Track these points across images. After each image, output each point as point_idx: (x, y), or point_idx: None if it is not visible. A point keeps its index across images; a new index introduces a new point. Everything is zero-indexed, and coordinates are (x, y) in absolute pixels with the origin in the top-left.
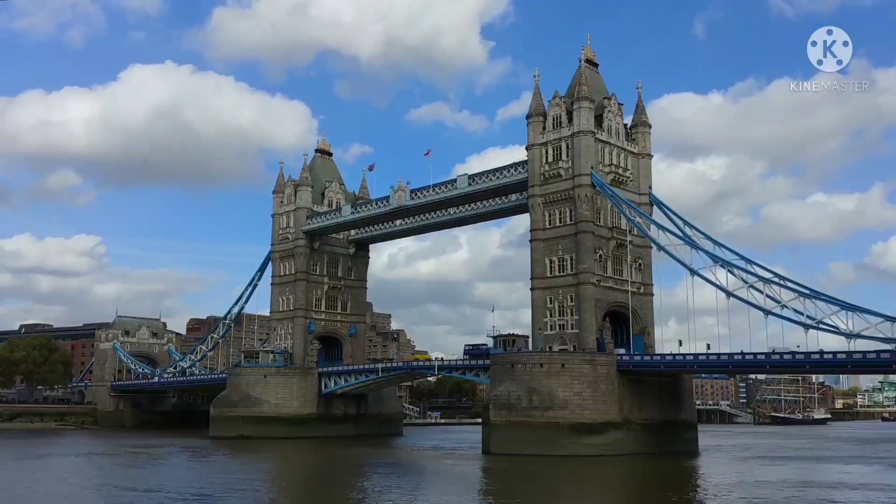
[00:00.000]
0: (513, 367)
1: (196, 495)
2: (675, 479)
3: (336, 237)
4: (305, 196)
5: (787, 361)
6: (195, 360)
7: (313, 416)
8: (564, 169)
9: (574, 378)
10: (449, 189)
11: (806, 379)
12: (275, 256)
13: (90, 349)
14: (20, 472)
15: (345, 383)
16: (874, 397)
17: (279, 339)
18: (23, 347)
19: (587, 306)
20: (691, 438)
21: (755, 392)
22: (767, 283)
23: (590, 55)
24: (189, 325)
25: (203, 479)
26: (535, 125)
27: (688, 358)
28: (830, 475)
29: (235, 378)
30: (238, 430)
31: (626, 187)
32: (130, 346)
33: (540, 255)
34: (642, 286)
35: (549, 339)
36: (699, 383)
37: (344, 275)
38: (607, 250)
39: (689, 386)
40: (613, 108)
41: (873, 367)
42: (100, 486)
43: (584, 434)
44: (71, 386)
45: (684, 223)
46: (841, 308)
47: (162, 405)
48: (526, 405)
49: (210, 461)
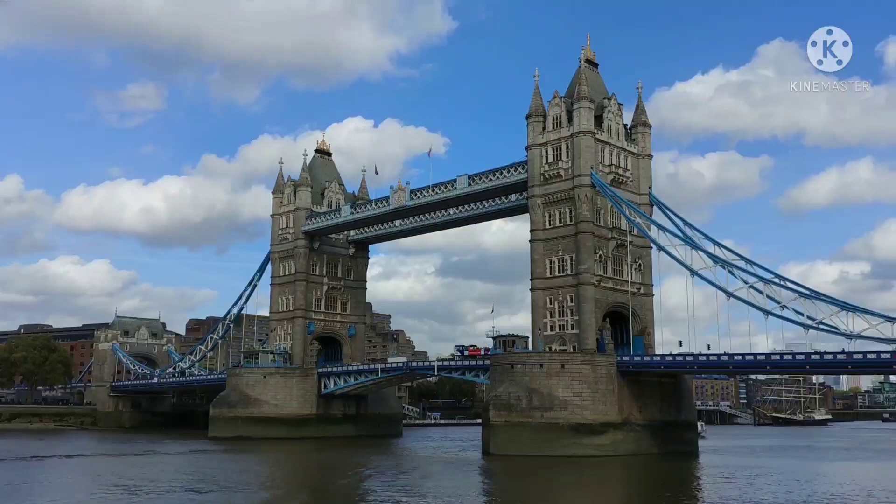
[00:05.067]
0: (512, 367)
1: (195, 495)
2: (676, 479)
3: (335, 237)
4: (305, 196)
5: (787, 362)
6: (194, 360)
7: (313, 417)
8: (564, 169)
9: (574, 378)
10: (448, 189)
11: (806, 380)
12: (274, 257)
13: (89, 349)
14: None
15: (344, 384)
16: (874, 398)
17: (279, 340)
18: (22, 348)
19: (587, 307)
20: (691, 439)
21: (756, 393)
22: (767, 284)
23: (590, 55)
24: (188, 326)
25: (201, 479)
26: (534, 125)
27: (688, 358)
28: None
29: (235, 378)
30: (237, 430)
31: (626, 187)
32: (130, 347)
33: (540, 256)
34: (642, 286)
35: (549, 339)
36: (699, 384)
37: (343, 275)
38: (607, 251)
39: (689, 386)
40: (613, 109)
41: (873, 367)
42: (98, 486)
43: (584, 434)
44: (70, 386)
45: (684, 223)
46: (841, 308)
47: (161, 406)
48: (526, 406)
49: (209, 461)
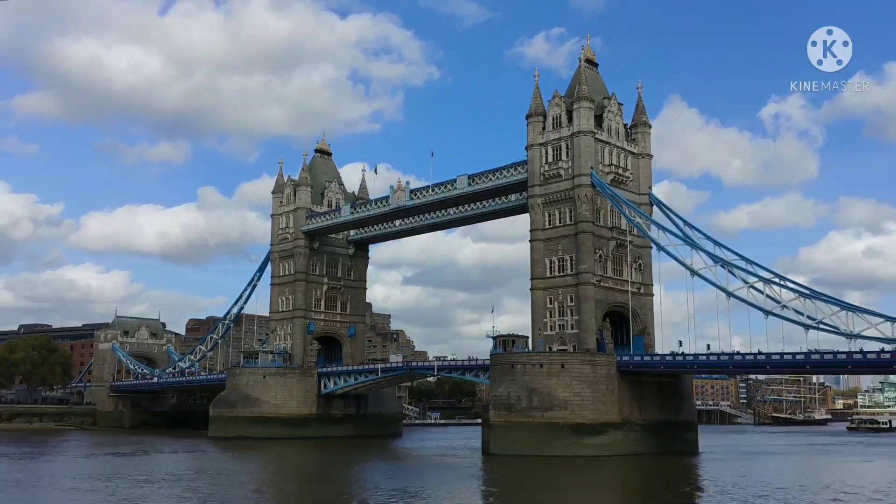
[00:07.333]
0: (513, 367)
1: (194, 495)
2: (676, 479)
3: (335, 237)
4: (305, 196)
5: (787, 361)
6: (194, 360)
7: (313, 417)
8: (564, 169)
9: (574, 378)
10: (448, 189)
11: (806, 379)
12: (274, 257)
13: (89, 349)
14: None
15: (344, 384)
16: (874, 398)
17: (278, 340)
18: (22, 348)
19: (587, 306)
20: (691, 439)
21: (756, 393)
22: (767, 283)
23: (590, 55)
24: (188, 326)
25: (201, 479)
26: (534, 125)
27: (688, 358)
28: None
29: (235, 378)
30: (237, 430)
31: (626, 187)
32: (130, 347)
33: (540, 256)
34: (642, 286)
35: (549, 339)
36: (699, 384)
37: (343, 275)
38: (607, 250)
39: (689, 386)
40: (613, 108)
41: (873, 367)
42: (98, 486)
43: (585, 434)
44: (70, 386)
45: (684, 223)
46: (841, 308)
47: (161, 405)
48: (526, 405)
49: (209, 461)
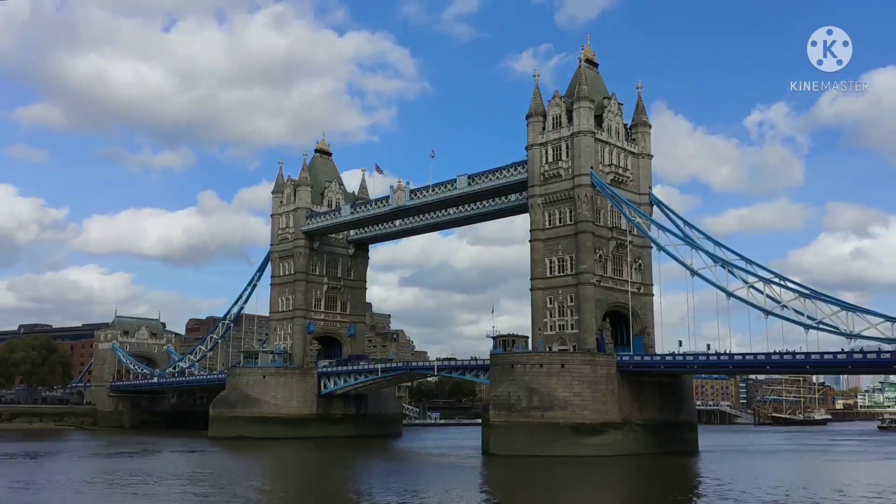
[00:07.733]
0: (513, 367)
1: (193, 495)
2: (676, 479)
3: (335, 237)
4: (305, 196)
5: (787, 361)
6: (194, 360)
7: (313, 417)
8: (564, 169)
9: (574, 378)
10: (448, 189)
11: (806, 379)
12: (274, 257)
13: (89, 349)
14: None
15: (344, 384)
16: (874, 398)
17: (278, 340)
18: (22, 348)
19: (587, 306)
20: (691, 439)
21: (756, 393)
22: (767, 284)
23: (590, 55)
24: (188, 326)
25: (200, 479)
26: (534, 125)
27: (688, 358)
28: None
29: (235, 378)
30: (237, 430)
31: (626, 187)
32: (130, 347)
33: (540, 256)
34: (642, 286)
35: (549, 339)
36: (699, 384)
37: (343, 275)
38: (607, 250)
39: (689, 386)
40: (613, 108)
41: (873, 367)
42: (97, 486)
43: (584, 434)
44: (70, 386)
45: (684, 223)
46: (841, 308)
47: (161, 405)
48: (526, 405)
49: (209, 462)
